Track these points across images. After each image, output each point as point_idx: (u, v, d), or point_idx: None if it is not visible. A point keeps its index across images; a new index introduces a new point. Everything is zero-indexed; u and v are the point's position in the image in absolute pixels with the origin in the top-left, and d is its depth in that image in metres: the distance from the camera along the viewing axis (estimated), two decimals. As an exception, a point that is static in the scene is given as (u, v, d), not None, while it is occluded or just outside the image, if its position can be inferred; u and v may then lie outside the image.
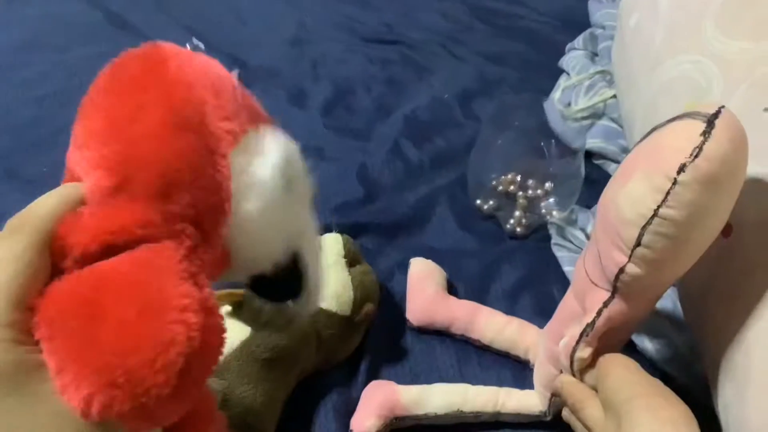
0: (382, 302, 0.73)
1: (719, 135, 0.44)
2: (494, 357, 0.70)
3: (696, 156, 0.44)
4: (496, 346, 0.70)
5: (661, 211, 0.45)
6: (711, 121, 0.45)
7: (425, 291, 0.73)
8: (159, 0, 1.27)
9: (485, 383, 0.67)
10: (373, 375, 0.68)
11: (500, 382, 0.67)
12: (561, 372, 0.60)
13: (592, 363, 0.56)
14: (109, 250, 0.33)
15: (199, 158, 0.35)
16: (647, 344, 0.67)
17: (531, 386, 0.66)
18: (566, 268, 0.78)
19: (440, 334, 0.72)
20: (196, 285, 0.33)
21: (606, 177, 0.89)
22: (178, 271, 0.33)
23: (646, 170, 0.47)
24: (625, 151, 0.87)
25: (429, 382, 0.67)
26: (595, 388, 0.55)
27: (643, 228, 0.47)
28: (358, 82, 1.06)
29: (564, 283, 0.77)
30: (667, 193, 0.45)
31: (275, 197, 0.38)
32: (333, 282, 0.65)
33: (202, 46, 1.01)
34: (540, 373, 0.64)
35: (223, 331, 0.34)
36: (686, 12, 0.68)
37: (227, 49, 1.13)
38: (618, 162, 0.89)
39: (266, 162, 0.38)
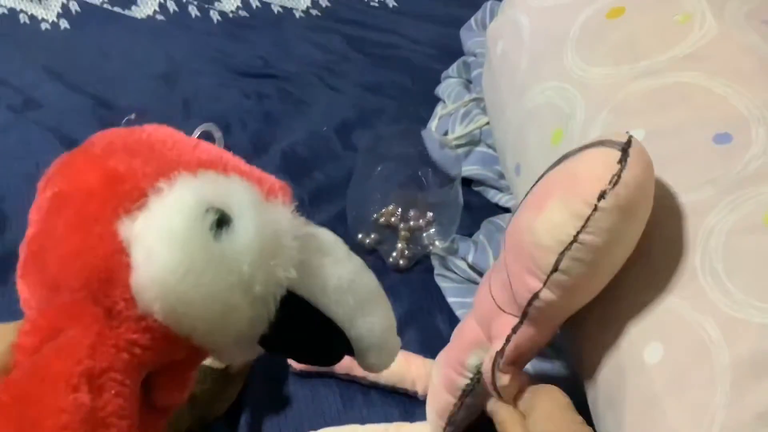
0: (262, 349, 0.69)
1: (634, 163, 0.46)
2: (380, 396, 0.68)
3: (615, 184, 0.45)
4: (383, 382, 0.68)
5: (581, 236, 0.46)
6: (625, 149, 0.47)
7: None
8: (14, 39, 1.20)
9: (373, 422, 0.65)
10: (254, 428, 0.64)
11: (387, 420, 0.66)
12: (458, 401, 0.59)
13: (522, 388, 0.55)
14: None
15: (73, 235, 0.33)
16: (528, 367, 0.67)
17: (419, 420, 0.65)
18: (450, 299, 0.77)
19: (324, 377, 0.69)
20: (94, 389, 0.30)
21: (485, 203, 0.89)
22: (72, 375, 0.30)
23: (564, 197, 0.47)
24: (503, 176, 0.88)
25: (314, 427, 0.65)
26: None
27: (561, 254, 0.47)
28: (233, 118, 1.02)
29: (449, 313, 0.76)
30: (587, 219, 0.46)
31: (193, 247, 0.33)
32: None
33: (133, 116, 0.95)
34: (434, 403, 0.62)
35: None
36: (548, 39, 0.69)
37: (91, 89, 1.07)
38: (497, 188, 0.89)
39: (166, 214, 0.34)
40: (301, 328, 0.40)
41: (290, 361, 0.69)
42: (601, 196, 0.46)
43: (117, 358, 0.32)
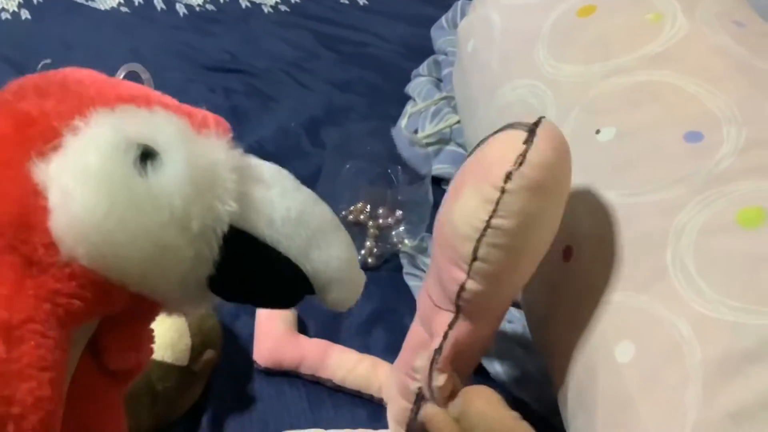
0: (226, 346, 0.68)
1: (541, 143, 0.45)
2: (348, 397, 0.67)
3: (521, 164, 0.45)
4: (348, 386, 0.66)
5: (493, 221, 0.45)
6: (532, 130, 0.46)
7: (273, 330, 0.69)
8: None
9: (339, 425, 0.64)
10: (217, 427, 0.63)
11: (354, 423, 0.65)
12: (414, 405, 0.58)
13: (454, 392, 0.54)
14: None
15: None
16: (498, 368, 0.67)
17: (385, 425, 0.63)
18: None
19: (290, 377, 0.68)
20: (10, 341, 0.28)
21: (455, 202, 0.88)
22: None
23: (475, 183, 0.47)
24: (472, 175, 0.87)
25: (279, 429, 0.63)
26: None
27: (478, 241, 0.46)
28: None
29: (417, 312, 0.75)
30: (497, 202, 0.45)
31: (114, 184, 0.31)
32: (166, 330, 0.60)
33: (49, 61, 0.91)
34: (392, 409, 0.61)
35: (42, 399, 0.28)
36: (519, 37, 0.68)
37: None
38: (466, 187, 0.89)
39: (84, 151, 0.32)
40: (252, 267, 0.37)
41: (255, 359, 0.68)
42: (507, 177, 0.45)
43: (38, 309, 0.30)
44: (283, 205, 0.39)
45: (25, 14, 1.21)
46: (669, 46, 0.58)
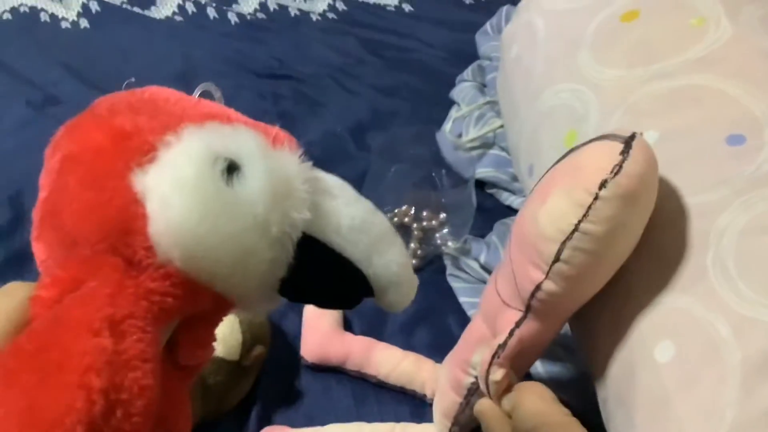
0: (274, 343, 0.70)
1: (636, 154, 0.47)
2: (392, 393, 0.69)
3: (617, 173, 0.46)
4: (392, 381, 0.68)
5: (582, 225, 0.47)
6: (628, 142, 0.47)
7: (320, 327, 0.71)
8: (34, 37, 1.21)
9: (383, 420, 0.66)
10: (265, 421, 0.65)
11: (398, 419, 0.66)
12: (464, 400, 0.59)
13: (509, 388, 0.55)
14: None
15: (86, 191, 0.34)
16: (539, 368, 0.67)
17: (429, 421, 0.65)
18: (462, 299, 0.77)
19: (336, 372, 0.70)
20: (116, 335, 0.30)
21: (498, 206, 0.90)
22: (94, 321, 0.30)
23: (567, 187, 0.48)
24: (516, 179, 0.88)
25: (324, 423, 0.65)
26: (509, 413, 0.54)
27: (563, 243, 0.47)
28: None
29: (461, 314, 0.76)
30: (588, 208, 0.46)
31: (204, 194, 0.34)
32: (219, 326, 0.62)
33: (133, 80, 0.94)
34: (441, 402, 0.63)
35: (146, 388, 0.31)
36: (562, 42, 0.69)
37: (110, 88, 1.07)
38: (510, 190, 0.90)
39: (177, 164, 0.34)
40: (320, 270, 0.40)
41: (303, 354, 0.70)
42: (603, 185, 0.46)
43: (137, 306, 0.33)
44: (348, 214, 0.41)
45: (84, 23, 1.26)
46: (712, 50, 0.59)
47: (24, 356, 0.30)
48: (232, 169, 0.35)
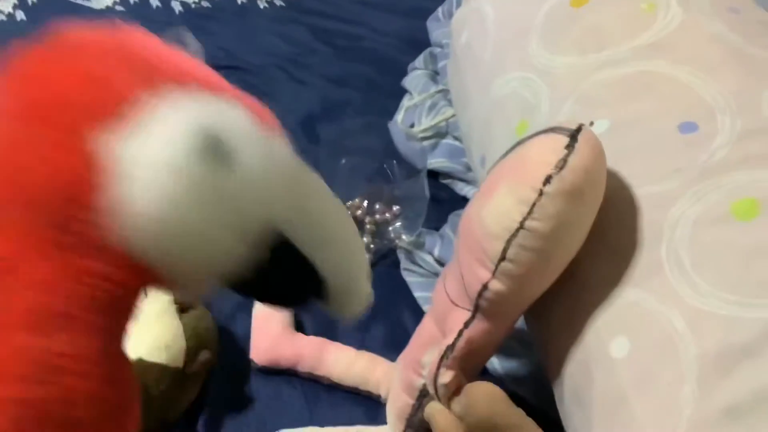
0: (223, 347, 0.67)
1: (582, 148, 0.46)
2: (345, 395, 0.67)
3: (561, 168, 0.45)
4: (346, 383, 0.66)
5: (527, 223, 0.45)
6: (574, 135, 0.46)
7: (270, 329, 0.69)
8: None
9: (336, 423, 0.64)
10: (215, 428, 0.62)
11: (352, 420, 0.65)
12: (416, 401, 0.58)
13: (458, 390, 0.54)
14: None
15: (34, 145, 0.28)
16: (496, 365, 0.66)
17: (384, 421, 0.63)
18: (417, 294, 0.76)
19: (287, 375, 0.68)
20: (49, 330, 0.26)
21: (453, 196, 0.88)
22: (21, 313, 0.26)
23: (512, 184, 0.46)
24: (470, 169, 0.86)
25: (277, 427, 0.63)
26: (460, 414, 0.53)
27: (508, 242, 0.46)
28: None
29: (415, 308, 0.75)
30: (533, 205, 0.45)
31: (189, 180, 0.29)
32: (160, 332, 0.59)
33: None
34: (394, 405, 0.61)
35: (92, 389, 0.27)
36: (512, 29, 0.68)
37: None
38: (465, 180, 0.88)
39: (160, 137, 0.29)
40: (283, 273, 0.37)
41: (252, 357, 0.67)
42: (547, 180, 0.45)
43: (78, 292, 0.28)
44: (325, 223, 0.39)
45: (20, 15, 1.21)
46: (663, 35, 0.58)
47: None
48: (219, 151, 0.30)
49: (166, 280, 0.32)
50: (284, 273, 0.37)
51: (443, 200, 0.87)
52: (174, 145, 0.29)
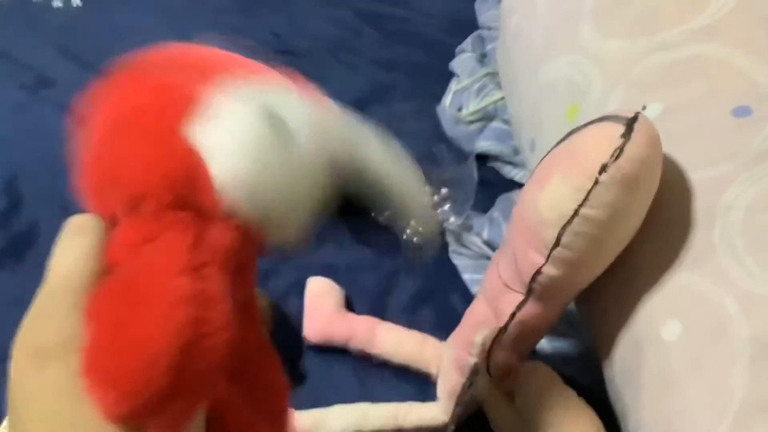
0: (277, 325, 0.69)
1: (638, 137, 0.46)
2: (396, 372, 0.68)
3: (617, 157, 0.45)
4: (397, 360, 0.68)
5: (582, 211, 0.46)
6: (630, 124, 0.46)
7: (323, 308, 0.71)
8: (26, 19, 1.19)
9: (387, 399, 0.65)
10: (270, 403, 0.64)
11: (402, 398, 0.66)
12: (468, 380, 0.59)
13: (510, 370, 0.55)
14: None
15: (147, 147, 0.34)
16: (545, 345, 0.67)
17: (434, 399, 0.65)
18: (465, 276, 0.77)
19: (339, 353, 0.70)
20: (197, 277, 0.32)
21: (500, 179, 0.88)
22: (176, 265, 0.32)
23: (567, 172, 0.47)
24: (518, 152, 0.87)
25: (329, 403, 0.65)
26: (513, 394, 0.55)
27: (563, 228, 0.47)
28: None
29: (464, 291, 0.76)
30: (588, 192, 0.46)
31: (264, 146, 0.35)
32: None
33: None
34: (445, 383, 0.63)
35: (227, 323, 0.32)
36: (563, 13, 0.68)
37: (104, 67, 1.06)
38: (512, 163, 0.88)
39: (235, 120, 0.35)
40: (358, 197, 0.42)
41: (306, 335, 0.69)
42: (603, 169, 0.45)
43: (211, 256, 0.34)
44: (383, 159, 0.43)
45: (76, 2, 1.23)
46: (716, 18, 0.57)
47: (114, 296, 0.31)
48: (277, 120, 0.36)
49: (270, 234, 0.37)
50: (358, 197, 0.41)
51: (491, 183, 0.87)
52: (247, 120, 0.35)
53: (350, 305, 0.74)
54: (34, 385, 0.30)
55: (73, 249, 0.32)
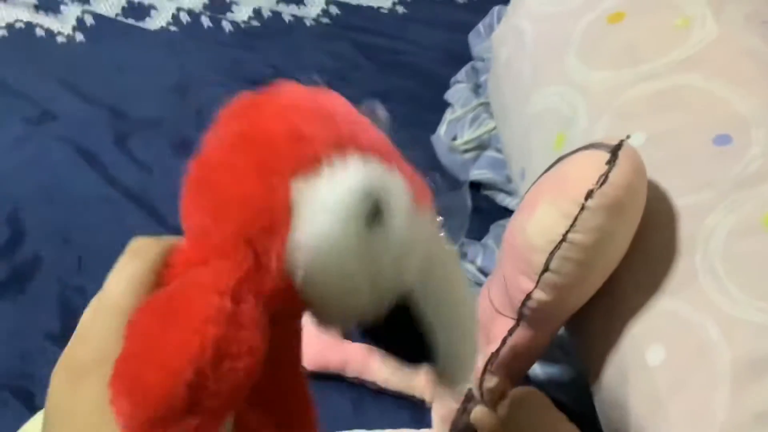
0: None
1: (623, 164, 0.48)
2: (391, 399, 0.69)
3: (602, 183, 0.47)
4: (392, 387, 0.69)
5: (569, 236, 0.47)
6: (615, 151, 0.48)
7: (319, 335, 0.72)
8: (30, 53, 1.22)
9: (382, 426, 0.66)
10: (265, 431, 0.65)
11: (398, 424, 0.67)
12: (462, 406, 0.60)
13: (503, 395, 0.56)
14: None
15: (251, 178, 0.35)
16: (538, 370, 0.68)
17: (429, 425, 0.65)
18: (459, 302, 0.78)
19: (335, 380, 0.70)
20: (236, 301, 0.32)
21: (494, 207, 0.90)
22: (218, 286, 0.32)
23: (554, 198, 0.49)
24: (511, 180, 0.88)
25: (325, 430, 0.65)
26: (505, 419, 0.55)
27: (551, 254, 0.48)
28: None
29: (458, 317, 0.77)
30: (575, 218, 0.47)
31: (347, 230, 0.34)
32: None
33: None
34: (440, 408, 0.63)
35: (254, 349, 0.32)
36: (550, 46, 0.69)
37: (107, 101, 1.09)
38: (506, 192, 0.90)
39: (336, 193, 0.34)
40: (404, 331, 0.39)
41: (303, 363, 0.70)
42: (589, 195, 0.47)
43: (255, 294, 0.34)
44: (451, 300, 0.41)
45: (79, 37, 1.26)
46: (698, 50, 0.59)
47: (151, 310, 0.32)
48: (376, 211, 0.35)
49: (315, 313, 0.38)
50: (404, 330, 0.39)
51: (485, 211, 0.89)
52: (343, 195, 0.34)
53: (346, 333, 0.75)
54: (69, 401, 0.31)
55: (126, 272, 0.34)
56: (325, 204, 0.34)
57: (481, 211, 0.88)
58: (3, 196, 0.91)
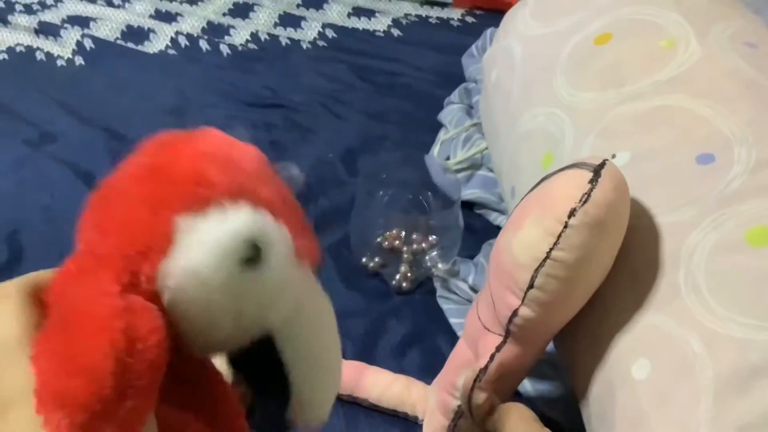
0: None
1: (605, 183, 0.49)
2: (383, 417, 0.70)
3: (585, 201, 0.48)
4: (384, 405, 0.69)
5: (553, 253, 0.49)
6: (597, 170, 0.49)
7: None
8: (30, 76, 1.24)
9: (375, 445, 0.66)
10: (258, 449, 0.66)
11: (390, 442, 0.67)
12: (451, 422, 0.60)
13: (492, 410, 0.56)
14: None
15: (140, 206, 0.37)
16: (528, 387, 0.68)
17: (421, 444, 0.66)
18: (452, 320, 0.78)
19: (328, 399, 0.71)
20: (123, 299, 0.34)
21: (487, 226, 0.91)
22: (105, 291, 0.34)
23: (538, 216, 0.50)
24: (503, 199, 0.89)
25: (318, 449, 0.66)
26: None
27: (536, 271, 0.49)
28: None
29: (451, 335, 0.77)
30: (559, 236, 0.48)
31: (218, 267, 0.36)
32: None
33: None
34: (430, 425, 0.64)
35: (157, 327, 0.34)
36: (538, 67, 0.71)
37: (106, 123, 1.10)
38: (498, 210, 0.91)
39: (216, 230, 0.36)
40: (262, 367, 0.41)
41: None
42: (572, 213, 0.48)
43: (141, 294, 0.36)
44: (314, 343, 0.42)
45: (79, 60, 1.28)
46: (682, 70, 0.60)
47: (51, 329, 0.33)
48: (251, 257, 0.37)
49: (181, 336, 0.39)
50: (262, 367, 0.41)
51: (477, 230, 0.90)
52: (226, 239, 0.36)
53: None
54: None
55: (2, 315, 0.34)
56: (202, 240, 0.36)
57: (474, 229, 0.89)
58: (2, 217, 0.92)
